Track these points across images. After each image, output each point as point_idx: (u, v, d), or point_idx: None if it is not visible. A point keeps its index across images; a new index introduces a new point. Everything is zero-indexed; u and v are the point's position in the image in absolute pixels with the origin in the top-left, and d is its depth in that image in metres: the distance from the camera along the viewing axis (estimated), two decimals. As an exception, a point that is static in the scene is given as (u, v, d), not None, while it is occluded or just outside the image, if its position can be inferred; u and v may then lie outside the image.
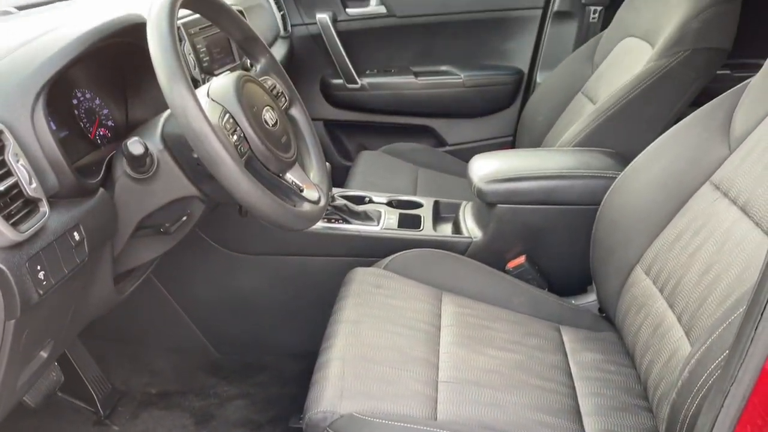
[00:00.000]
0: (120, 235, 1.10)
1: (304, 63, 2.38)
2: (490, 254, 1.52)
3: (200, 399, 1.67)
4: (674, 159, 1.22)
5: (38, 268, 0.84)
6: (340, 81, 2.40)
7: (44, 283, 0.85)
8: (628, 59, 1.75)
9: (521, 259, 1.52)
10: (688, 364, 0.90)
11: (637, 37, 1.75)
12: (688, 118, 1.24)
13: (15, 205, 0.83)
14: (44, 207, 0.87)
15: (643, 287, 1.19)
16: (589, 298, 1.48)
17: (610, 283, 1.28)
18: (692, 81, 1.58)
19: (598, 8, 2.20)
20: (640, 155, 1.29)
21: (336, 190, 1.70)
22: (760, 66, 1.16)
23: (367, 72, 2.41)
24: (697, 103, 1.41)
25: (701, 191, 1.15)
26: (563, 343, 1.27)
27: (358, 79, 2.37)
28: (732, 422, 0.63)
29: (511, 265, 1.52)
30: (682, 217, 1.16)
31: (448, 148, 2.48)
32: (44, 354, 1.02)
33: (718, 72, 1.65)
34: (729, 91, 1.20)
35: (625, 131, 1.60)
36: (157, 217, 1.13)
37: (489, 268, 1.44)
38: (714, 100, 1.22)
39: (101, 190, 1.03)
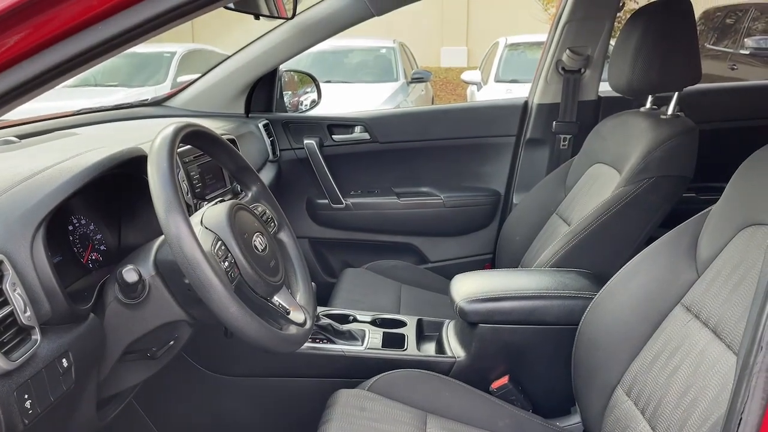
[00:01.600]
0: (107, 360, 1.10)
1: (291, 184, 2.47)
2: (474, 374, 1.53)
3: None
4: (646, 282, 1.27)
5: (26, 396, 0.84)
6: (325, 201, 2.48)
7: (30, 412, 0.85)
8: (597, 184, 1.85)
9: (504, 380, 1.53)
10: (672, 490, 0.90)
11: (605, 164, 1.86)
12: (656, 242, 1.31)
13: (8, 333, 0.84)
14: (36, 335, 0.88)
15: (625, 409, 1.20)
16: (574, 420, 1.48)
17: (592, 404, 1.29)
18: (659, 205, 1.67)
19: (568, 136, 2.35)
20: (614, 277, 1.34)
21: (320, 309, 1.72)
22: (722, 189, 1.24)
23: (352, 193, 2.50)
24: (666, 224, 1.50)
25: (674, 313, 1.20)
26: (549, 467, 1.26)
27: (343, 200, 2.46)
28: None
29: (494, 385, 1.53)
30: (658, 338, 1.20)
31: (430, 265, 2.53)
32: (20, 487, 0.99)
33: (685, 195, 1.75)
34: (693, 217, 1.28)
35: (599, 253, 1.67)
36: (145, 342, 1.14)
37: (473, 389, 1.44)
38: (679, 226, 1.29)
39: (91, 315, 1.05)
